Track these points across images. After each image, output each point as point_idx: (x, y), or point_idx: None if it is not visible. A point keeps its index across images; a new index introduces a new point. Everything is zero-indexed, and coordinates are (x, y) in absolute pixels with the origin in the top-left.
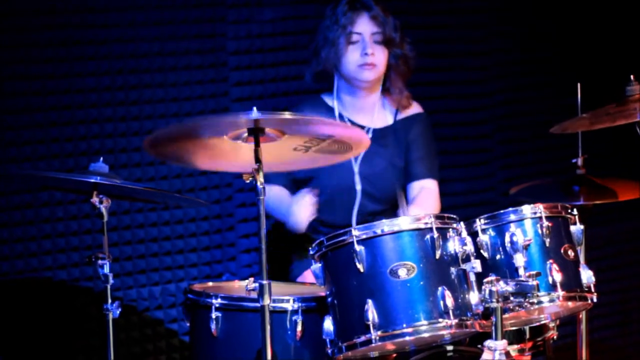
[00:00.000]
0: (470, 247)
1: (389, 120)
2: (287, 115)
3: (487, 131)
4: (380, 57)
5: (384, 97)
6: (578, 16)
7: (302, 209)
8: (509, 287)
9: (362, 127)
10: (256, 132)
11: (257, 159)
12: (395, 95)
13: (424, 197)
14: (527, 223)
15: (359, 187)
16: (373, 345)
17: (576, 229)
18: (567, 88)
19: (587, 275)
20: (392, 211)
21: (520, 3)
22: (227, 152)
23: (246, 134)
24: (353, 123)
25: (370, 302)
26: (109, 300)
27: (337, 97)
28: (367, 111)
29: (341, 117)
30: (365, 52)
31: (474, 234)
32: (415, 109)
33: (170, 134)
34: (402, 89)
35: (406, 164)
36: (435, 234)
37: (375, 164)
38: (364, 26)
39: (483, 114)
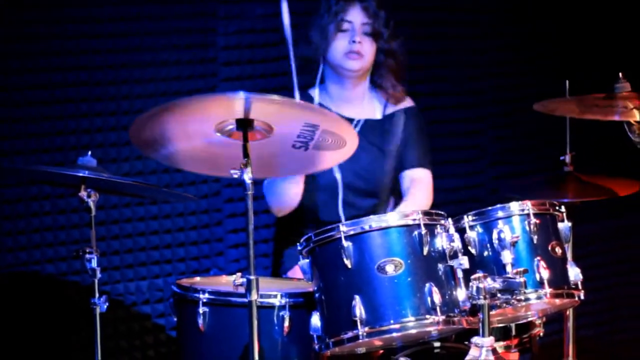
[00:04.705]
0: (458, 244)
1: (377, 115)
2: (275, 97)
3: (479, 128)
4: (367, 48)
5: (375, 91)
6: (570, 16)
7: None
8: (497, 284)
9: (351, 120)
10: (244, 126)
11: (245, 154)
12: (389, 91)
13: (415, 190)
14: (514, 220)
15: (338, 175)
16: (360, 341)
17: (564, 226)
18: (559, 87)
19: (574, 273)
20: (384, 204)
21: (516, 2)
22: (218, 152)
23: (233, 126)
24: (340, 116)
25: (357, 298)
26: (97, 295)
27: (323, 87)
28: (354, 103)
29: (325, 107)
30: (353, 39)
31: (461, 231)
32: (406, 102)
33: (155, 114)
34: (396, 84)
35: (398, 155)
36: (423, 230)
37: (362, 156)
38: (355, 16)
39: (474, 111)
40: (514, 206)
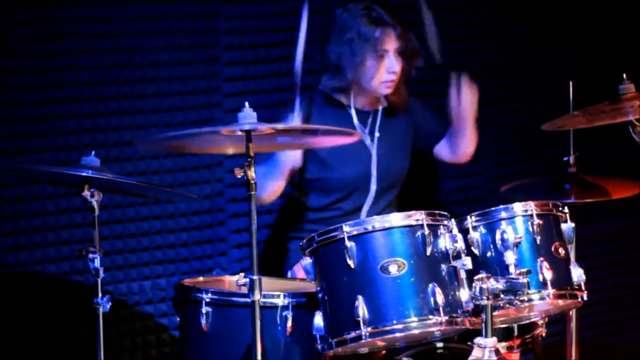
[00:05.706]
0: (461, 244)
1: (385, 103)
2: (280, 126)
3: (478, 128)
4: (399, 70)
5: None
6: (569, 15)
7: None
8: (500, 285)
9: (369, 112)
10: (248, 131)
11: (249, 155)
12: (393, 97)
13: None
14: (518, 220)
15: (374, 187)
16: (363, 341)
17: (567, 226)
18: (559, 86)
19: (577, 273)
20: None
21: (512, 2)
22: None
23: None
24: (362, 111)
25: (360, 298)
26: (100, 294)
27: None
28: (374, 101)
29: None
30: (392, 70)
31: (465, 231)
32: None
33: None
34: (403, 90)
35: (424, 131)
36: (426, 231)
37: (392, 140)
38: (391, 43)
39: None
40: (518, 207)
